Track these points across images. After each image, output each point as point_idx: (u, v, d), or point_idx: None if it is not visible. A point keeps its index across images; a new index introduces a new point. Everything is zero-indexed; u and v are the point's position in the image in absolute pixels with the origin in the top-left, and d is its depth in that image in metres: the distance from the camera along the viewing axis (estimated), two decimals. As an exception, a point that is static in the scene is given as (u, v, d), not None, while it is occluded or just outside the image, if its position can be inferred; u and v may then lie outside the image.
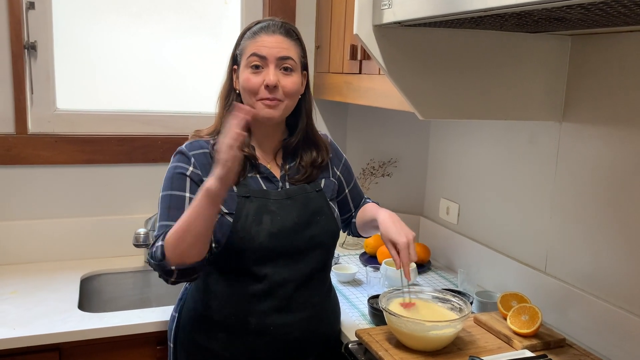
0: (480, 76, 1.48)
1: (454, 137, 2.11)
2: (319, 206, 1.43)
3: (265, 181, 1.40)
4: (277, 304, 1.37)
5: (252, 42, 1.36)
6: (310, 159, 1.45)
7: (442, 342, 1.36)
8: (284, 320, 1.38)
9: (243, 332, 1.37)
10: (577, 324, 1.53)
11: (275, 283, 1.36)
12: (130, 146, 2.11)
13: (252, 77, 1.34)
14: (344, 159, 1.60)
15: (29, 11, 1.94)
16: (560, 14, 1.03)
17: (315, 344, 1.45)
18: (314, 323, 1.43)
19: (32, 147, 1.99)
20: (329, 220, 1.44)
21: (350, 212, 1.64)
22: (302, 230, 1.38)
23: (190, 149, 1.38)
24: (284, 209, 1.37)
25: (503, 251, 1.84)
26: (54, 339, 1.53)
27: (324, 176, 1.50)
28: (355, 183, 1.65)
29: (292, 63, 1.36)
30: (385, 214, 1.47)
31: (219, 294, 1.38)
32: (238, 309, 1.36)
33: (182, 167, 1.35)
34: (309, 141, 1.47)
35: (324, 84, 2.22)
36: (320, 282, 1.46)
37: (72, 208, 2.08)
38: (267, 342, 1.38)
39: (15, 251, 2.01)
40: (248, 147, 1.37)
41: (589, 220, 1.51)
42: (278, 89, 1.34)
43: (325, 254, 1.46)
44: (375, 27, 1.33)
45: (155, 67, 2.18)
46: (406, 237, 1.39)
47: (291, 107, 1.40)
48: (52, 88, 2.03)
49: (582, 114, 1.53)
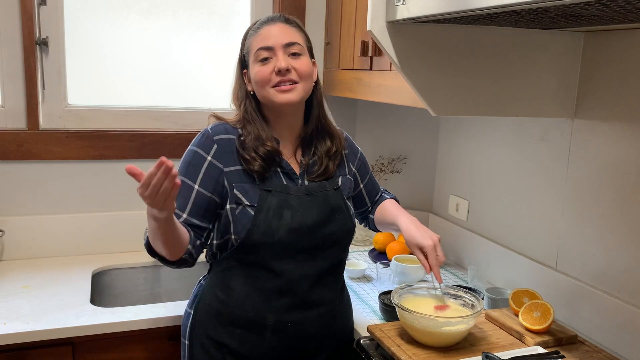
0: (492, 73, 1.47)
1: (463, 134, 2.11)
2: (337, 204, 1.42)
3: (286, 177, 1.39)
4: (295, 301, 1.37)
5: (255, 37, 1.37)
6: (325, 149, 1.44)
7: (454, 338, 1.36)
8: (301, 316, 1.39)
9: (261, 329, 1.37)
10: (588, 320, 1.53)
11: (293, 279, 1.36)
12: (140, 142, 2.12)
13: (262, 69, 1.34)
14: (359, 154, 1.60)
15: (41, 7, 1.95)
16: (577, 10, 1.03)
17: (329, 340, 1.46)
18: (328, 319, 1.44)
19: (44, 143, 2.00)
20: (346, 218, 1.44)
21: (366, 207, 1.64)
22: (320, 228, 1.38)
23: (215, 133, 1.37)
24: (304, 205, 1.37)
25: (513, 248, 1.84)
26: (67, 333, 1.54)
27: (340, 173, 1.49)
28: (370, 177, 1.64)
29: (299, 47, 1.36)
30: (406, 220, 1.47)
31: (237, 290, 1.37)
32: (256, 306, 1.36)
33: (200, 155, 1.35)
34: (322, 131, 1.46)
35: (334, 81, 2.22)
36: (335, 279, 1.46)
37: (83, 203, 2.09)
38: (284, 338, 1.38)
39: (27, 246, 2.03)
40: (271, 141, 1.37)
41: (601, 216, 1.51)
42: (291, 71, 1.33)
43: (341, 252, 1.46)
44: (388, 24, 1.33)
45: (166, 63, 2.19)
46: (432, 240, 1.40)
47: (308, 89, 1.39)
48: (64, 84, 2.04)
49: (595, 110, 1.52)
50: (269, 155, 1.35)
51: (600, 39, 1.49)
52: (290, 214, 1.35)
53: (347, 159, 1.54)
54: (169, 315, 1.64)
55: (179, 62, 2.20)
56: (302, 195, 1.38)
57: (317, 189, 1.41)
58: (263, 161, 1.35)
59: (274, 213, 1.33)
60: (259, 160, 1.34)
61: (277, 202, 1.34)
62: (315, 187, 1.41)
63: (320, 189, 1.41)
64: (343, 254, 1.48)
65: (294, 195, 1.37)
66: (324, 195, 1.41)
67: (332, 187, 1.44)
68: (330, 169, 1.45)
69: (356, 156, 1.59)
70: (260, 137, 1.36)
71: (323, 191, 1.41)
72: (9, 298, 1.69)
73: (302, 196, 1.38)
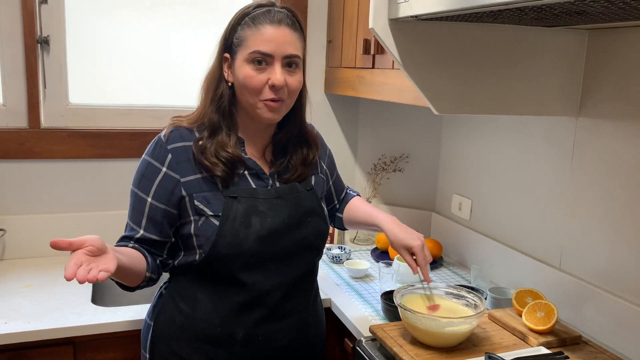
0: (496, 71, 1.46)
1: (466, 132, 2.09)
2: (310, 206, 1.35)
3: (254, 178, 1.30)
4: (266, 313, 1.30)
5: (254, 33, 1.23)
6: (300, 157, 1.36)
7: (457, 339, 1.35)
8: (272, 328, 1.32)
9: (229, 343, 1.29)
10: (592, 320, 1.52)
11: (263, 291, 1.28)
12: (141, 141, 2.11)
13: (255, 75, 1.23)
14: (328, 151, 1.54)
15: (42, 5, 1.94)
16: (582, 7, 1.02)
17: (302, 349, 1.40)
18: (301, 328, 1.38)
19: (45, 142, 2.00)
20: (320, 221, 1.37)
21: (333, 204, 1.58)
22: (291, 232, 1.30)
23: (169, 141, 1.26)
24: (274, 209, 1.28)
25: (517, 247, 1.83)
26: (69, 333, 1.54)
27: (313, 172, 1.42)
28: (337, 174, 1.59)
29: (297, 60, 1.26)
30: (388, 220, 1.43)
31: (203, 303, 1.29)
32: (224, 320, 1.28)
33: (154, 166, 1.26)
34: (300, 137, 1.38)
35: (336, 79, 2.21)
36: (308, 285, 1.40)
37: (85, 202, 2.09)
38: (254, 351, 1.31)
39: (29, 245, 2.02)
40: (235, 147, 1.27)
41: (605, 216, 1.50)
42: (284, 90, 1.24)
43: (315, 256, 1.39)
44: (391, 21, 1.31)
45: (167, 62, 2.18)
46: (419, 240, 1.38)
47: (291, 105, 1.31)
48: (65, 82, 2.03)
49: (599, 109, 1.51)
50: (232, 161, 1.26)
51: (604, 37, 1.48)
52: (259, 220, 1.25)
53: (319, 157, 1.45)
54: (170, 315, 1.64)
55: (180, 60, 2.19)
56: (271, 199, 1.29)
57: (288, 191, 1.32)
58: (225, 166, 1.25)
59: (241, 221, 1.24)
60: (220, 166, 1.24)
61: (244, 209, 1.24)
62: (287, 189, 1.33)
63: (292, 190, 1.33)
64: (316, 258, 1.40)
65: (262, 200, 1.28)
66: (296, 197, 1.33)
67: (305, 187, 1.36)
68: (304, 174, 1.37)
69: (326, 153, 1.52)
70: (222, 141, 1.26)
71: (295, 193, 1.33)
72: (10, 297, 1.69)
73: (272, 199, 1.29)
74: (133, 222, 1.29)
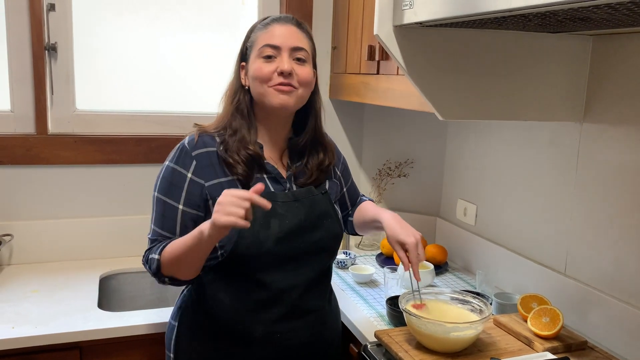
0: (500, 76, 1.47)
1: (471, 138, 2.10)
2: (324, 209, 1.40)
3: (272, 182, 1.36)
4: (283, 311, 1.35)
5: (263, 33, 1.33)
6: (317, 161, 1.42)
7: (462, 344, 1.35)
8: (290, 326, 1.36)
9: (248, 341, 1.34)
10: (598, 326, 1.51)
11: (281, 289, 1.33)
12: (147, 146, 2.13)
13: (264, 66, 1.31)
14: (342, 158, 1.59)
15: (50, 13, 1.96)
16: (586, 13, 1.02)
17: (319, 348, 1.44)
18: (318, 326, 1.42)
19: (52, 147, 2.01)
20: (334, 223, 1.42)
21: (347, 210, 1.63)
22: (307, 233, 1.35)
23: (193, 148, 1.32)
24: (291, 212, 1.34)
25: (522, 253, 1.83)
26: (75, 338, 1.55)
27: (327, 177, 1.47)
28: (352, 180, 1.63)
29: (304, 54, 1.34)
30: (388, 215, 1.45)
31: (223, 302, 1.34)
32: (244, 318, 1.34)
33: (180, 173, 1.31)
34: (316, 142, 1.43)
35: (341, 85, 2.22)
36: (324, 285, 1.45)
37: (92, 208, 2.10)
38: (273, 349, 1.36)
39: (36, 250, 2.04)
40: (254, 145, 1.33)
41: (610, 221, 1.49)
42: (293, 76, 1.30)
43: (330, 258, 1.44)
44: (395, 28, 1.32)
45: (173, 68, 2.19)
46: (414, 237, 1.38)
47: (305, 98, 1.36)
48: (72, 89, 2.05)
49: (603, 114, 1.51)
50: (251, 160, 1.32)
51: (608, 43, 1.48)
52: (278, 222, 1.31)
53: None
54: (176, 320, 1.64)
55: (186, 66, 2.21)
56: (289, 202, 1.35)
57: (304, 195, 1.38)
58: (246, 166, 1.31)
59: (260, 223, 1.29)
60: (242, 165, 1.31)
61: (264, 212, 1.27)
62: (303, 193, 1.38)
63: (308, 194, 1.39)
64: (331, 259, 1.45)
65: (280, 202, 1.33)
66: (312, 200, 1.38)
67: (320, 191, 1.42)
68: (319, 179, 1.43)
69: (340, 160, 1.57)
70: (244, 139, 1.32)
71: (311, 196, 1.39)
72: (17, 302, 1.70)
73: (289, 202, 1.35)
74: (165, 230, 1.32)
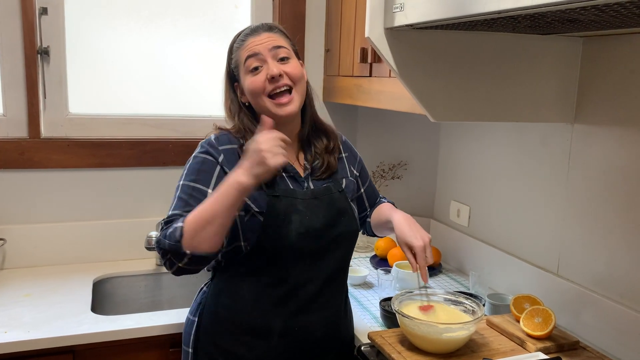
0: (491, 78, 1.48)
1: (464, 139, 2.11)
2: (342, 206, 1.43)
3: (291, 180, 1.40)
4: (301, 305, 1.38)
5: (242, 49, 1.37)
6: (322, 146, 1.46)
7: (455, 345, 1.36)
8: (307, 320, 1.39)
9: (268, 334, 1.37)
10: (590, 326, 1.52)
11: (299, 284, 1.36)
12: (141, 150, 2.13)
13: (255, 79, 1.34)
14: (359, 158, 1.61)
15: (42, 16, 1.96)
16: (574, 15, 1.03)
17: (335, 343, 1.46)
18: (333, 323, 1.45)
19: (45, 151, 2.01)
20: (351, 220, 1.44)
21: (365, 211, 1.65)
22: (326, 230, 1.38)
23: (219, 143, 1.37)
24: (311, 208, 1.37)
25: (515, 253, 1.84)
26: (68, 342, 1.54)
27: (343, 175, 1.50)
28: (370, 181, 1.65)
29: (285, 51, 1.37)
30: (400, 216, 1.47)
31: (244, 296, 1.37)
32: (264, 311, 1.36)
33: (210, 160, 1.34)
34: (317, 129, 1.48)
35: (334, 87, 2.22)
36: (340, 282, 1.47)
37: (84, 211, 2.09)
38: (291, 342, 1.39)
39: (29, 254, 2.03)
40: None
41: (602, 221, 1.50)
42: (283, 76, 1.34)
43: (347, 254, 1.47)
44: (386, 30, 1.33)
45: (166, 71, 2.19)
46: (422, 240, 1.39)
47: (303, 93, 1.40)
48: (65, 92, 2.05)
49: (594, 115, 1.52)
50: None
51: (598, 44, 1.50)
52: (299, 218, 1.35)
53: (348, 162, 1.54)
54: (170, 323, 1.64)
55: (179, 70, 2.21)
56: (308, 199, 1.38)
57: (323, 192, 1.41)
58: None
59: (282, 218, 1.33)
60: None
61: (285, 207, 1.34)
62: (321, 191, 1.42)
63: (326, 192, 1.42)
64: (348, 256, 1.48)
65: (300, 199, 1.37)
66: (330, 198, 1.42)
67: (337, 189, 1.45)
68: (332, 164, 1.46)
69: (356, 159, 1.60)
70: None
71: (329, 194, 1.42)
72: (10, 306, 1.69)
73: (309, 200, 1.38)
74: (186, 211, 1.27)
